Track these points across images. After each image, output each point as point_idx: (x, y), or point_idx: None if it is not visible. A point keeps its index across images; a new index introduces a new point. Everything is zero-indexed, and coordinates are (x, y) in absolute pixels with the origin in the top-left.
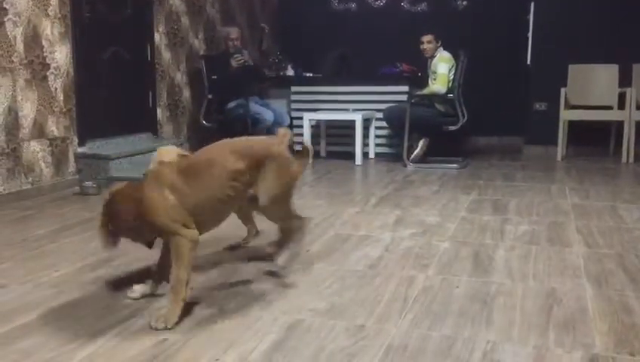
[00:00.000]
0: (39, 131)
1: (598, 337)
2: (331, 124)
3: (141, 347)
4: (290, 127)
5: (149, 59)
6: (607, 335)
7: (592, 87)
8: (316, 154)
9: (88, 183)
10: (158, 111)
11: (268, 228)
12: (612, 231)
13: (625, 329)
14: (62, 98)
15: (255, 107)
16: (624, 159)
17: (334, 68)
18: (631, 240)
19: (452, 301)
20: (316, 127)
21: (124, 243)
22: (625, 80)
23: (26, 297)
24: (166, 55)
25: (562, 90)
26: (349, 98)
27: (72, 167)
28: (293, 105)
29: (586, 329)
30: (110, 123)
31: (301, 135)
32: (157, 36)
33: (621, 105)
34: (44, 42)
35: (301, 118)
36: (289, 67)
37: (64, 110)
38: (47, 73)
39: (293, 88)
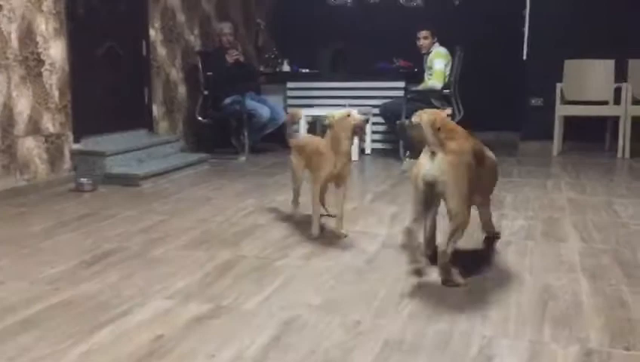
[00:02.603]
0: (34, 128)
1: (593, 332)
2: None
3: (138, 343)
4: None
5: (144, 55)
6: (603, 330)
7: (588, 83)
8: None
9: (84, 180)
10: (154, 107)
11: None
12: (607, 226)
13: (620, 324)
14: (57, 94)
15: (251, 103)
16: (620, 154)
17: (330, 64)
18: (626, 235)
19: (448, 296)
20: (312, 123)
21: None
22: (621, 75)
23: (22, 294)
24: (161, 51)
25: (558, 85)
26: (345, 94)
27: (67, 163)
28: (289, 102)
29: (581, 324)
30: (106, 119)
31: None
32: (152, 32)
33: (617, 101)
34: (38, 38)
35: None
36: (285, 63)
37: (59, 106)
38: (42, 69)
39: (289, 84)
